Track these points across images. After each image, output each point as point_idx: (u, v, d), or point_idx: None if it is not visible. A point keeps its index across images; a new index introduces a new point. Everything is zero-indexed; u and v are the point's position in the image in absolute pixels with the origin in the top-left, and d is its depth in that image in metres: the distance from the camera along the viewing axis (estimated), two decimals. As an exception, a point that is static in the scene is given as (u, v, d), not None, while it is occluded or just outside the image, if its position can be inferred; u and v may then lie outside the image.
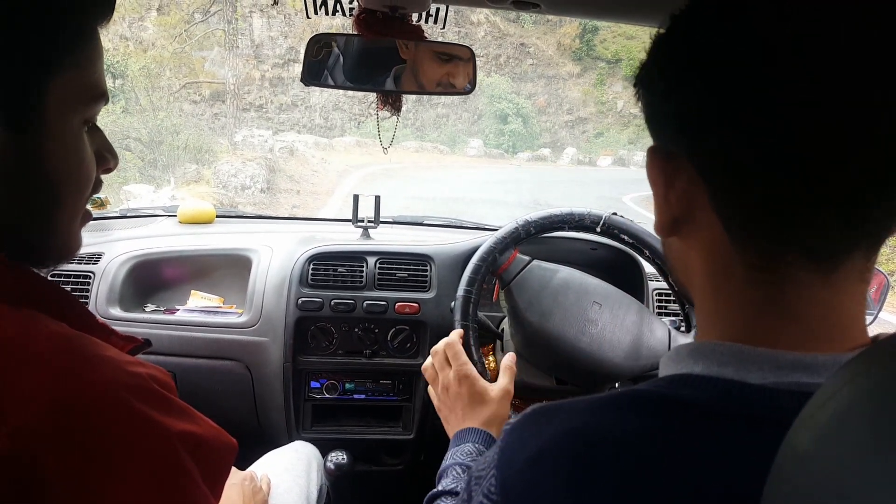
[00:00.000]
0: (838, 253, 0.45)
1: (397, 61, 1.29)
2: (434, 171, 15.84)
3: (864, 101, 0.42)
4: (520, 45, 23.04)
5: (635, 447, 0.45)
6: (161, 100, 15.33)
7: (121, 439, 0.51)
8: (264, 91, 19.84)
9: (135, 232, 1.90)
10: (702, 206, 0.49)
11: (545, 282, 1.30)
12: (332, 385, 1.66)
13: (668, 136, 0.51)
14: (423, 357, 1.65)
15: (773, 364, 0.46)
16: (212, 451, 0.59)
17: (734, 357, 0.47)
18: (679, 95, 0.49)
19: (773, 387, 0.45)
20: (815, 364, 0.45)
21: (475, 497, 0.52)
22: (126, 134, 12.06)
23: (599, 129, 22.29)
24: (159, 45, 17.17)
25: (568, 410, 0.50)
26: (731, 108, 0.45)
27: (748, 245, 0.47)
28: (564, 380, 1.36)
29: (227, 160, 11.97)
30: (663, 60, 0.51)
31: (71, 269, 1.67)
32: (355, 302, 1.60)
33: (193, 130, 13.74)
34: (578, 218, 1.33)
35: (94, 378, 0.52)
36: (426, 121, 21.45)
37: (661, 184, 0.52)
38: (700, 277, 0.52)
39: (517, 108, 21.09)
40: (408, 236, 1.92)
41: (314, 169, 14.14)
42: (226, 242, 1.81)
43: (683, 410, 0.46)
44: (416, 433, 1.69)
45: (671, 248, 0.56)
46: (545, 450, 0.47)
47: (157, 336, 1.62)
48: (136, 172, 11.62)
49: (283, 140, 15.15)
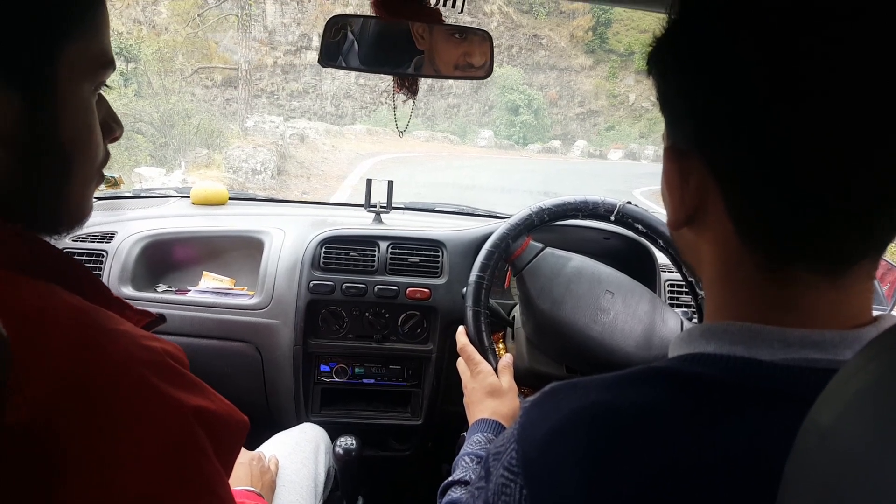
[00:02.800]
0: (847, 261, 0.46)
1: (415, 52, 1.29)
2: (445, 160, 15.76)
3: (876, 115, 0.42)
4: (532, 36, 22.93)
5: (653, 418, 0.46)
6: (174, 84, 15.26)
7: (136, 412, 0.51)
8: (276, 78, 19.83)
9: (148, 212, 1.91)
10: (714, 203, 0.50)
11: (558, 269, 1.30)
12: (342, 369, 1.66)
13: (682, 131, 0.52)
14: (432, 343, 1.65)
15: (782, 341, 0.47)
16: (225, 427, 0.59)
17: (744, 336, 0.48)
18: (690, 94, 0.49)
19: (783, 363, 0.46)
20: (823, 341, 0.46)
21: (495, 471, 0.52)
22: (138, 117, 12.03)
23: (611, 123, 22.18)
24: (172, 30, 17.13)
25: (585, 386, 0.51)
26: (742, 114, 0.45)
27: (758, 247, 0.48)
28: (575, 368, 1.36)
29: (238, 145, 11.99)
30: (673, 56, 0.51)
31: (84, 248, 1.67)
32: (367, 286, 1.60)
33: (205, 115, 13.71)
34: (593, 206, 1.32)
35: (111, 351, 0.52)
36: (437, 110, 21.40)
37: (676, 181, 0.52)
38: (710, 269, 0.53)
39: (528, 100, 20.98)
40: (420, 222, 1.92)
41: (324, 156, 14.10)
42: (238, 224, 1.81)
43: (699, 385, 0.47)
44: (424, 419, 1.70)
45: (683, 238, 0.56)
46: (565, 423, 0.48)
47: (169, 316, 1.59)
48: (148, 156, 11.60)
49: (294, 127, 15.10)
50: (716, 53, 0.46)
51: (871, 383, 0.29)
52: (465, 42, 1.27)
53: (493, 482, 0.52)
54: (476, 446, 1.03)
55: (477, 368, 1.18)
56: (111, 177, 1.79)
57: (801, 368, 0.45)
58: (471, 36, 1.27)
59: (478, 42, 1.28)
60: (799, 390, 0.42)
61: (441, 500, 0.95)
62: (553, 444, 0.48)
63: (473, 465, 0.99)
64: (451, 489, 0.96)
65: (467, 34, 1.27)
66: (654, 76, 0.53)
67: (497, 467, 0.52)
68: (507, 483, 0.50)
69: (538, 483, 0.48)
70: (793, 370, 0.45)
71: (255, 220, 1.83)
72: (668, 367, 0.50)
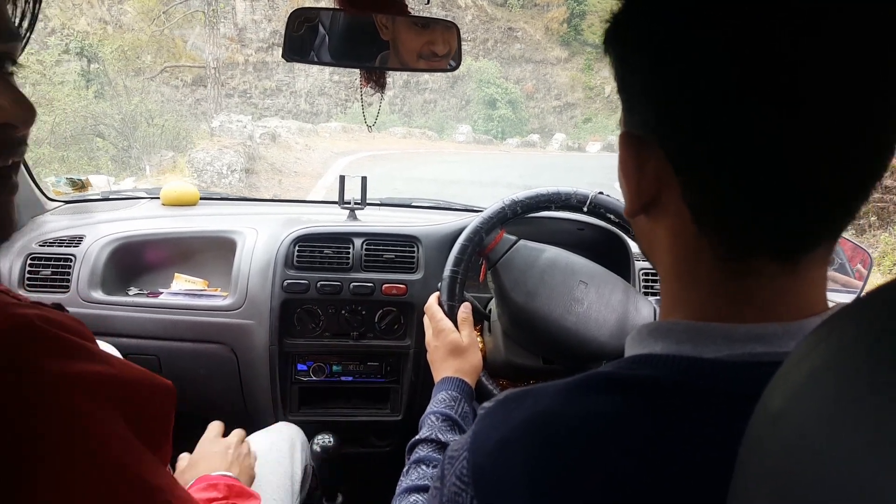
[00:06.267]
0: (802, 249, 0.46)
1: (381, 45, 1.28)
2: (423, 156, 15.51)
3: (835, 109, 0.41)
4: (507, 29, 22.95)
5: (596, 427, 0.46)
6: (138, 83, 14.74)
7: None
8: (248, 76, 19.60)
9: (117, 214, 1.87)
10: (671, 191, 0.49)
11: (531, 261, 1.30)
12: (319, 367, 1.65)
13: (639, 116, 0.50)
14: (410, 339, 1.64)
15: (727, 338, 0.47)
16: (135, 391, 0.55)
17: (690, 334, 0.49)
18: (650, 79, 0.47)
19: (727, 359, 0.46)
20: (766, 334, 0.46)
21: (448, 478, 0.53)
22: (99, 119, 11.57)
23: (587, 115, 22.28)
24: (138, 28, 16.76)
25: (535, 395, 0.51)
26: (705, 104, 0.44)
27: (714, 236, 0.48)
28: (551, 359, 1.36)
29: (202, 147, 11.41)
30: (632, 37, 0.49)
31: (52, 252, 1.64)
32: (342, 284, 1.59)
33: (170, 115, 13.29)
34: (565, 197, 1.33)
35: None
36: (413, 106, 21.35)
37: (632, 169, 0.51)
38: (666, 257, 0.53)
39: (506, 94, 21.00)
40: (395, 218, 1.91)
41: (297, 156, 13.67)
42: (210, 224, 1.79)
43: (644, 389, 0.47)
44: (403, 415, 1.69)
45: (639, 226, 0.56)
46: (513, 433, 0.49)
47: (142, 319, 1.60)
48: (109, 160, 11.18)
49: (264, 126, 14.49)
50: (680, 37, 0.44)
51: (820, 365, 0.29)
52: (428, 31, 1.27)
53: (446, 488, 0.53)
54: (441, 405, 1.09)
55: (439, 326, 1.24)
56: (78, 179, 1.76)
57: (744, 363, 0.45)
58: (433, 25, 1.27)
59: (440, 31, 1.27)
60: (740, 387, 0.43)
61: (408, 456, 1.03)
62: (502, 453, 0.48)
63: (439, 423, 1.05)
64: (418, 447, 1.03)
65: (430, 24, 1.26)
66: (611, 57, 0.51)
67: (450, 474, 0.53)
68: (459, 492, 0.50)
69: (488, 493, 0.48)
70: (736, 366, 0.45)
71: (227, 220, 1.80)
72: (615, 373, 0.49)
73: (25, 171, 1.73)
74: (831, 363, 0.29)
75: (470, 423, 1.09)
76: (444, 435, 1.03)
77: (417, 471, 0.97)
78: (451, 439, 1.01)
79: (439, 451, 1.00)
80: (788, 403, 0.30)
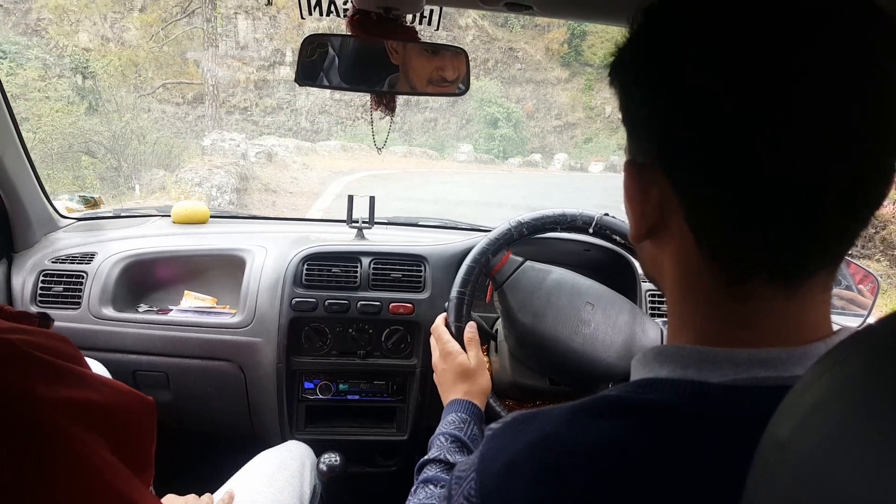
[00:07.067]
0: (803, 274, 0.47)
1: (391, 68, 1.30)
2: (424, 176, 15.16)
3: (834, 135, 0.42)
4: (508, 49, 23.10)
5: (602, 452, 0.46)
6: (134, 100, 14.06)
7: None
8: (249, 94, 19.66)
9: (128, 232, 1.89)
10: (675, 216, 0.50)
11: (538, 282, 1.31)
12: (326, 386, 1.66)
13: (643, 144, 0.52)
14: (416, 358, 1.65)
15: (731, 362, 0.48)
16: (117, 416, 0.56)
17: (695, 359, 0.49)
18: (651, 108, 0.49)
19: (732, 384, 0.47)
20: (770, 358, 0.47)
21: (455, 498, 0.54)
22: (87, 136, 11.01)
23: (588, 135, 22.35)
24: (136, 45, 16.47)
25: (543, 418, 0.52)
26: (704, 130, 0.45)
27: (716, 260, 0.49)
28: (558, 380, 1.37)
29: (191, 167, 10.83)
30: (634, 68, 0.51)
31: (64, 269, 1.66)
32: (349, 302, 1.61)
33: (164, 132, 12.88)
34: (571, 219, 1.34)
35: None
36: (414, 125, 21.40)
37: (636, 195, 0.53)
38: (671, 282, 0.54)
39: (507, 113, 21.03)
40: (402, 237, 1.93)
41: (294, 176, 13.17)
42: (219, 242, 1.81)
43: (650, 414, 0.47)
44: (409, 434, 1.70)
45: (645, 250, 0.57)
46: (520, 456, 0.50)
47: (151, 336, 1.62)
48: (96, 179, 10.52)
49: (260, 144, 13.91)
50: (677, 67, 0.46)
51: (826, 395, 0.30)
52: (438, 57, 1.30)
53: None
54: (450, 426, 1.09)
55: (446, 349, 1.22)
56: (91, 197, 1.78)
57: (749, 388, 0.46)
58: (443, 51, 1.30)
59: (450, 57, 1.30)
60: (745, 412, 0.43)
61: (417, 475, 1.02)
62: (509, 476, 0.49)
63: (448, 444, 1.05)
64: (427, 467, 1.03)
65: (440, 50, 1.29)
66: (616, 88, 0.53)
67: (458, 494, 0.54)
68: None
69: None
70: (741, 390, 0.46)
71: (237, 238, 1.82)
72: (622, 397, 0.50)
73: (39, 189, 1.76)
74: (837, 393, 0.30)
75: (479, 445, 1.10)
76: (452, 456, 1.04)
77: (425, 490, 0.98)
78: (459, 460, 1.02)
79: (447, 471, 1.01)
80: (795, 432, 0.31)
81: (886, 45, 0.43)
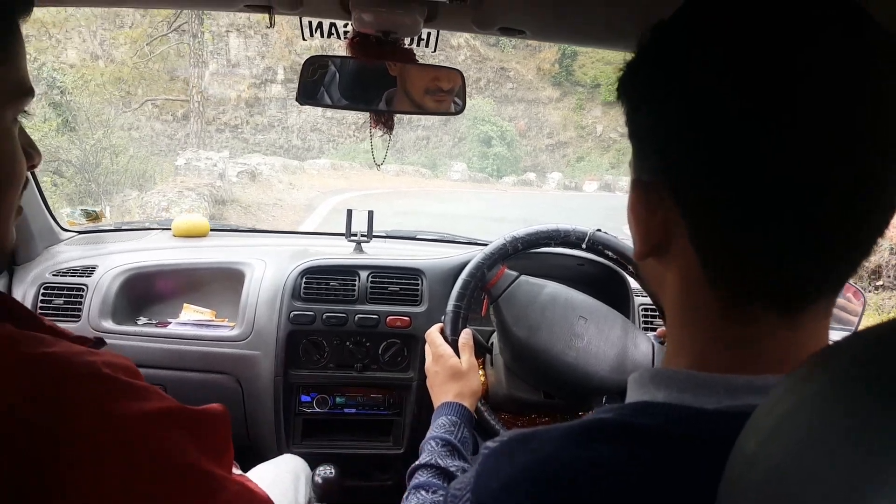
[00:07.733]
0: (804, 300, 0.47)
1: (388, 83, 1.34)
2: (417, 196, 14.49)
3: (839, 136, 0.43)
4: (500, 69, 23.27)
5: (598, 476, 0.46)
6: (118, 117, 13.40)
7: (79, 433, 0.51)
8: (240, 111, 19.62)
9: (129, 245, 1.91)
10: (680, 235, 0.50)
11: (533, 297, 1.33)
12: (323, 399, 1.68)
13: (649, 161, 0.52)
14: (413, 371, 1.67)
15: (727, 388, 0.48)
16: (200, 419, 0.60)
17: (690, 384, 0.49)
18: (658, 125, 0.49)
19: (727, 410, 0.46)
20: (766, 386, 0.46)
21: None
22: (54, 155, 10.31)
23: (580, 154, 22.47)
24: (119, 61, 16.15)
25: (539, 439, 0.52)
26: (711, 147, 0.45)
27: (719, 281, 0.49)
28: (552, 394, 1.39)
29: (159, 189, 10.04)
30: (640, 84, 0.52)
31: (64, 282, 1.68)
32: (347, 315, 1.63)
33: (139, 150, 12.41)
34: (564, 234, 1.37)
35: (42, 374, 0.52)
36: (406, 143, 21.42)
37: (641, 213, 0.53)
38: (673, 300, 0.54)
39: (501, 131, 21.03)
40: (400, 250, 1.95)
41: (278, 197, 12.37)
42: (219, 256, 1.83)
43: (645, 439, 0.47)
44: (406, 448, 1.71)
45: (648, 268, 0.57)
46: (516, 478, 0.50)
47: (150, 349, 1.63)
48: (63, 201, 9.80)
49: (244, 163, 13.05)
50: (683, 70, 0.46)
51: (792, 409, 0.32)
52: (434, 69, 1.34)
53: None
54: (441, 430, 1.10)
55: (438, 351, 1.25)
56: (92, 210, 1.80)
57: (744, 414, 0.45)
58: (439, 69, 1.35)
59: (445, 71, 1.35)
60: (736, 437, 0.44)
61: (409, 481, 1.02)
62: (505, 497, 0.49)
63: (439, 448, 1.05)
64: (418, 472, 1.03)
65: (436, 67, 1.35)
66: (623, 105, 0.53)
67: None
68: None
69: None
70: (737, 416, 0.45)
71: (236, 252, 1.84)
72: (617, 420, 0.50)
73: (42, 201, 1.78)
74: (803, 407, 0.31)
75: (469, 448, 1.11)
76: (443, 460, 1.03)
77: (417, 496, 0.98)
78: (450, 465, 1.02)
79: (439, 476, 1.01)
80: (762, 446, 0.32)
81: (882, 47, 0.44)
